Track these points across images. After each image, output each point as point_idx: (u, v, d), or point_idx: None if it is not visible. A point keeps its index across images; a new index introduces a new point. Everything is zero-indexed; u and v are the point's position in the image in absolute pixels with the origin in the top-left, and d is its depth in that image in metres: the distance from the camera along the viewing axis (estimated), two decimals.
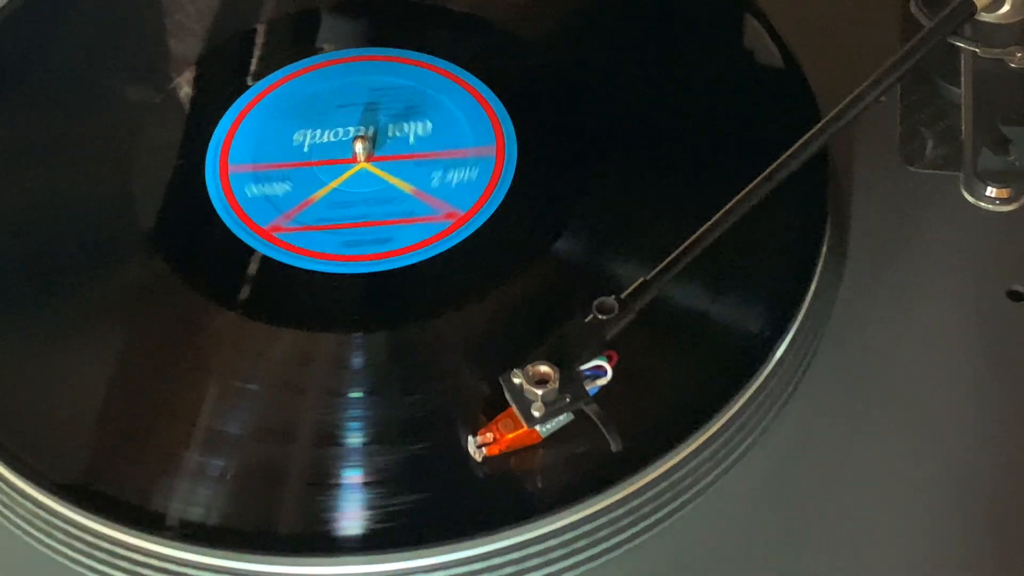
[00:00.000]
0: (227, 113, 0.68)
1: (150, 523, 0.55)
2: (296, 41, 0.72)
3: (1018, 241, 0.64)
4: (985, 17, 0.67)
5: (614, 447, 0.54)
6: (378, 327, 0.61)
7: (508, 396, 0.55)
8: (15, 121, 0.69)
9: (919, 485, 0.56)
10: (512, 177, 0.65)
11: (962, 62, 0.67)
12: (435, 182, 0.65)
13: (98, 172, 0.67)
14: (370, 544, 0.54)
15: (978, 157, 0.65)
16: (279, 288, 0.63)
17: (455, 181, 0.65)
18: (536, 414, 0.54)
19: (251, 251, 0.63)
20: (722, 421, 0.56)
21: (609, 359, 0.55)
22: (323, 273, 0.63)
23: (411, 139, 0.67)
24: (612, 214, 0.63)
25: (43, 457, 0.57)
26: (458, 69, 0.69)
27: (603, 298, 0.56)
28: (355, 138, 0.66)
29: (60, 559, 0.56)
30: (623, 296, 0.56)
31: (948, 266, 0.63)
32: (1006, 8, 0.67)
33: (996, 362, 0.60)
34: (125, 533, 0.55)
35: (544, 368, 0.54)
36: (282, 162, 0.67)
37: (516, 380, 0.54)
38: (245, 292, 0.63)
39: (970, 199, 0.65)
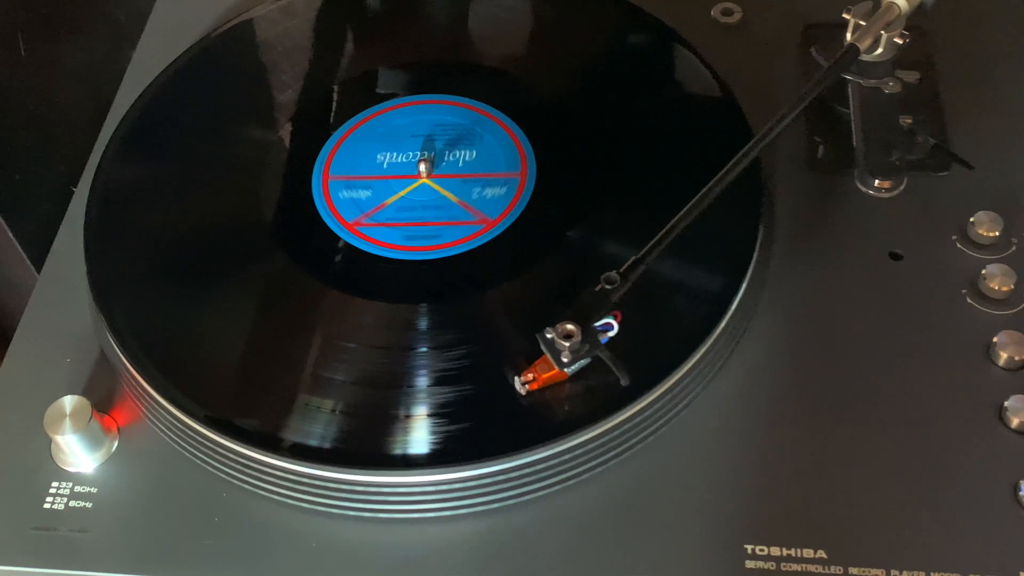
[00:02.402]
0: (326, 144, 0.66)
1: (276, 445, 0.54)
2: (375, 89, 0.70)
3: (896, 218, 0.62)
4: (865, 57, 0.65)
5: (623, 382, 0.53)
6: (440, 299, 0.59)
7: (543, 347, 0.54)
8: (179, 159, 0.67)
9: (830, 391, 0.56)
10: (533, 187, 0.63)
11: (850, 90, 0.66)
12: (475, 195, 0.63)
13: (235, 190, 0.65)
14: (441, 459, 0.53)
15: (866, 159, 0.63)
16: (367, 271, 0.60)
17: (490, 194, 0.63)
18: (565, 360, 0.53)
19: (346, 244, 0.61)
20: (696, 357, 0.55)
21: (615, 317, 0.54)
22: (398, 260, 0.60)
23: (460, 162, 0.65)
24: (608, 211, 0.62)
25: (199, 398, 0.55)
26: (494, 110, 0.67)
27: (608, 273, 0.54)
28: (419, 160, 0.64)
29: (212, 471, 0.55)
30: (622, 270, 0.55)
31: (847, 237, 0.62)
32: (880, 50, 0.65)
33: (881, 301, 0.59)
34: (258, 452, 0.54)
35: (570, 326, 0.53)
36: (366, 175, 0.64)
37: (548, 335, 0.53)
38: (343, 275, 0.60)
39: (862, 189, 0.64)
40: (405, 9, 0.74)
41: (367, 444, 0.54)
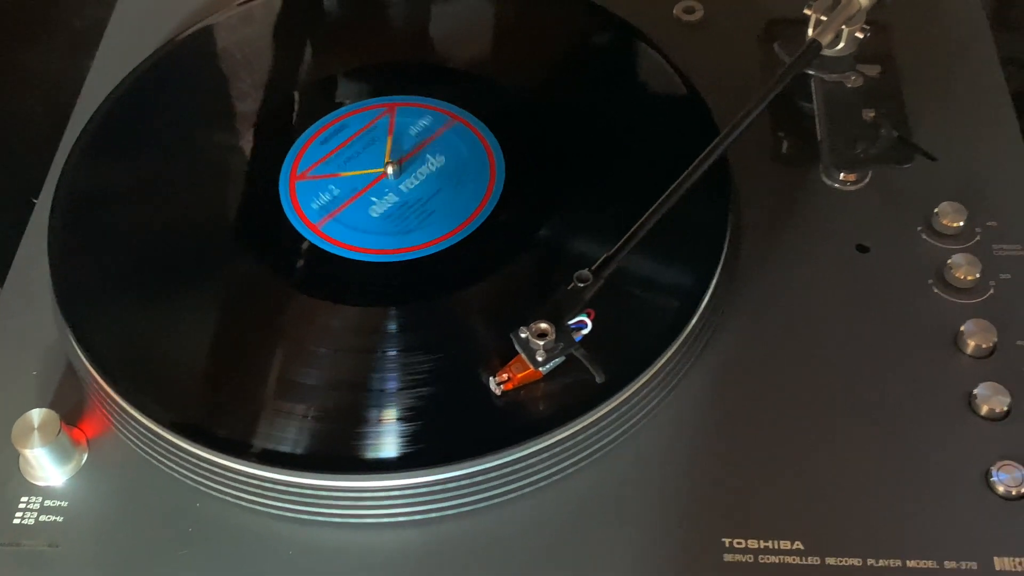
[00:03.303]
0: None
1: (245, 451, 0.53)
2: (341, 91, 0.69)
3: (861, 210, 0.63)
4: (827, 52, 0.65)
5: (598, 379, 0.53)
6: (411, 301, 0.58)
7: (517, 346, 0.53)
8: (142, 167, 0.66)
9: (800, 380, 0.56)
10: (502, 187, 0.62)
11: (813, 85, 0.66)
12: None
13: (201, 197, 0.64)
14: (417, 462, 0.53)
15: (831, 153, 0.64)
16: (336, 274, 0.60)
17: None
18: (539, 359, 0.53)
19: (313, 247, 0.60)
20: (670, 352, 0.55)
21: (588, 315, 0.54)
22: (367, 262, 0.60)
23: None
24: (578, 209, 0.62)
25: (168, 406, 0.55)
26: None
27: (580, 271, 0.54)
28: (387, 163, 0.63)
29: (184, 481, 0.55)
30: (594, 268, 0.55)
31: (814, 230, 0.62)
32: (841, 45, 0.66)
33: (849, 293, 0.59)
34: (230, 460, 0.53)
35: (543, 325, 0.53)
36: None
37: (523, 335, 0.53)
38: (311, 278, 0.60)
39: (827, 182, 0.64)
40: (369, 12, 0.74)
41: (340, 448, 0.53)
